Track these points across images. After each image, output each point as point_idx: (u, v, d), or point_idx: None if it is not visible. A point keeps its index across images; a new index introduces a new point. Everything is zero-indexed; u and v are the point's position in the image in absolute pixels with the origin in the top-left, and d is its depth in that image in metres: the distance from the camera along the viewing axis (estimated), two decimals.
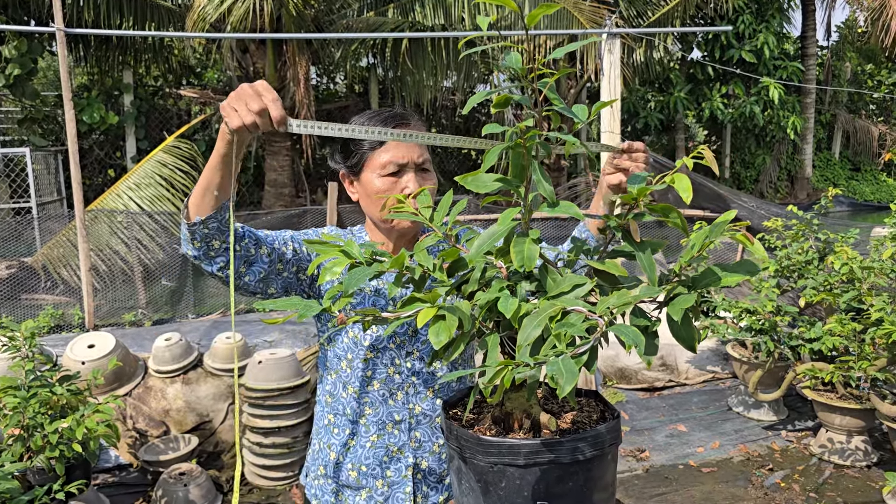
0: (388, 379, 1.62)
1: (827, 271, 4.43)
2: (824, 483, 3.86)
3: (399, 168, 1.57)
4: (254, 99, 1.27)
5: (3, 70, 9.23)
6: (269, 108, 1.28)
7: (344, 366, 1.63)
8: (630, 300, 1.09)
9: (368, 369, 1.61)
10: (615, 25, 5.96)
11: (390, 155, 1.56)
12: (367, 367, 1.61)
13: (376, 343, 1.60)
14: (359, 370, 1.62)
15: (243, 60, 9.94)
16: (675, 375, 5.33)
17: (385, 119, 1.58)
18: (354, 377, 1.62)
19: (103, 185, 10.66)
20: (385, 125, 1.56)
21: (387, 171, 1.56)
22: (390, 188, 1.56)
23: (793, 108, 14.91)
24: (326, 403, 1.68)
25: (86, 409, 3.15)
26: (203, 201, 1.39)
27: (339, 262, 1.27)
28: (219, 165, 1.40)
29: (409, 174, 1.57)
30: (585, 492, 1.27)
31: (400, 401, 1.63)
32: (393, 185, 1.57)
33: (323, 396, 1.69)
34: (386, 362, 1.61)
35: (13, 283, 6.70)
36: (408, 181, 1.57)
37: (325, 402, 1.69)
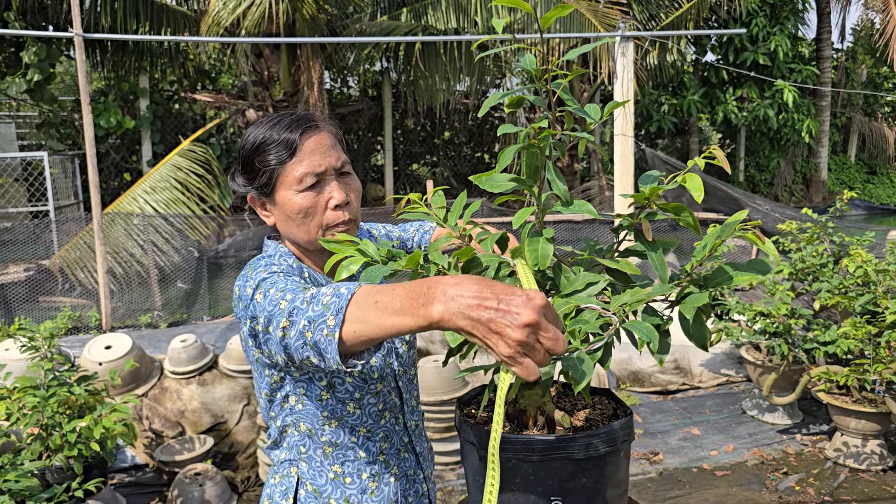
0: (395, 403, 1.53)
1: (842, 274, 4.41)
2: (839, 487, 3.84)
3: (318, 178, 1.40)
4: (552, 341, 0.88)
5: (24, 75, 9.35)
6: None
7: (351, 408, 1.46)
8: (643, 297, 1.10)
9: (380, 402, 1.49)
10: (628, 28, 5.97)
11: (305, 166, 1.38)
12: (378, 401, 1.49)
13: (382, 371, 1.49)
14: (370, 406, 1.48)
15: (257, 65, 10.02)
16: (689, 378, 5.31)
17: (290, 125, 1.40)
18: (366, 415, 1.47)
19: (119, 188, 10.75)
20: (291, 132, 1.39)
21: (305, 184, 1.39)
22: (313, 204, 1.40)
23: (808, 111, 14.83)
24: (326, 456, 1.46)
25: (103, 409, 3.19)
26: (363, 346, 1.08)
27: (354, 260, 1.29)
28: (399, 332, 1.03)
29: (332, 183, 1.41)
30: (599, 487, 1.28)
31: (402, 421, 1.56)
32: (315, 198, 1.40)
33: (315, 451, 1.47)
34: (389, 388, 1.51)
35: (31, 285, 6.79)
36: (331, 191, 1.41)
37: (321, 457, 1.47)
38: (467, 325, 0.88)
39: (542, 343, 0.86)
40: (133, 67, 10.78)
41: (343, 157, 1.44)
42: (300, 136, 1.39)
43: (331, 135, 1.44)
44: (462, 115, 14.09)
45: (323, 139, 1.41)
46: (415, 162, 14.89)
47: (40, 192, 8.92)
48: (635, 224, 1.25)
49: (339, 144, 1.46)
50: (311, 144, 1.39)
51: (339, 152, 1.44)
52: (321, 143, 1.41)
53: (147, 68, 10.95)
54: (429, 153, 14.86)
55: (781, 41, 13.70)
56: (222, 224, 8.20)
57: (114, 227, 6.98)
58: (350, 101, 13.54)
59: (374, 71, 13.20)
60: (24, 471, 2.67)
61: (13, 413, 3.09)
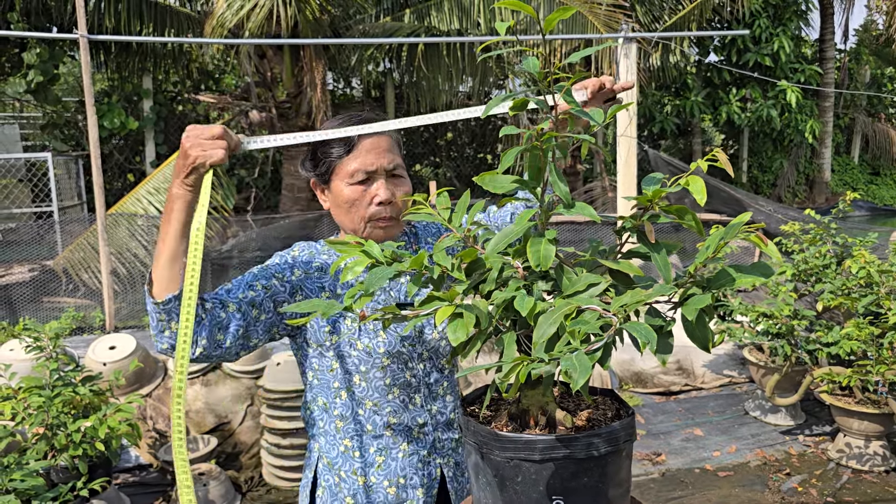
0: (406, 383, 1.58)
1: (845, 275, 4.41)
2: (842, 488, 3.84)
3: (368, 175, 1.52)
4: (209, 139, 1.32)
5: (26, 76, 9.39)
6: (225, 140, 1.33)
7: (357, 380, 1.56)
8: (644, 298, 1.11)
9: (387, 377, 1.56)
10: (631, 30, 5.97)
11: (358, 162, 1.51)
12: (384, 376, 1.56)
13: (391, 348, 1.55)
14: (376, 380, 1.56)
15: (260, 66, 10.04)
16: (692, 379, 5.32)
17: (361, 122, 1.50)
18: (372, 389, 1.57)
19: (123, 189, 10.78)
20: (357, 134, 1.51)
21: (355, 179, 1.51)
22: (360, 197, 1.52)
23: (810, 111, 14.82)
24: (337, 430, 1.59)
25: (108, 409, 3.21)
26: (173, 272, 1.36)
27: (359, 261, 1.30)
28: (184, 222, 1.35)
29: (380, 181, 1.52)
30: (601, 487, 1.29)
31: (419, 404, 1.61)
32: (363, 193, 1.52)
33: (330, 425, 1.60)
34: (402, 367, 1.57)
35: (35, 285, 6.81)
36: (377, 189, 1.52)
37: (334, 431, 1.59)
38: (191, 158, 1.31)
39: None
40: (137, 68, 10.81)
41: (396, 160, 1.55)
42: (359, 135, 1.50)
43: (389, 138, 1.56)
44: None
45: (380, 141, 1.53)
46: (418, 163, 14.91)
47: (44, 193, 8.95)
48: (638, 226, 1.26)
49: (396, 147, 1.57)
50: (367, 144, 1.52)
51: (394, 155, 1.55)
52: (377, 144, 1.53)
53: (151, 69, 10.98)
54: (432, 154, 14.87)
55: (784, 42, 13.70)
56: (225, 225, 8.22)
57: (117, 228, 7.00)
58: (353, 102, 13.56)
59: (377, 72, 13.22)
60: (29, 470, 2.69)
61: (18, 413, 3.10)
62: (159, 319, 1.36)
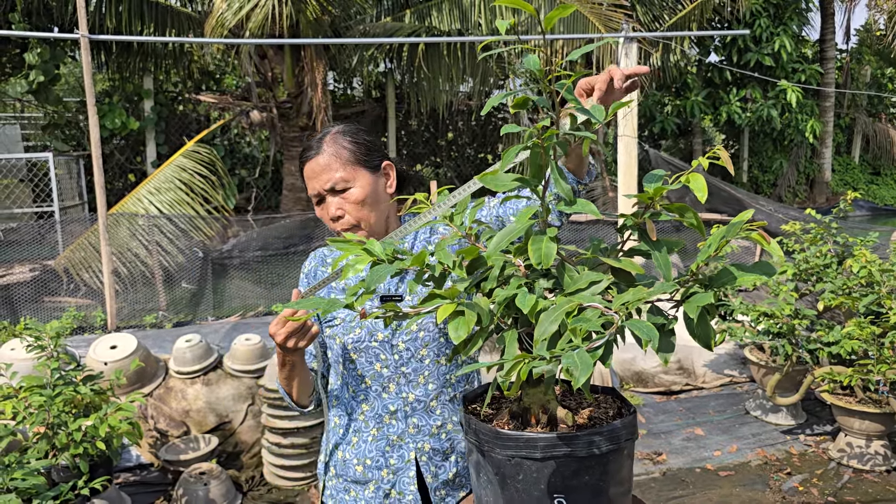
0: (377, 374, 1.71)
1: (845, 275, 4.41)
2: (843, 487, 3.84)
3: (319, 198, 1.69)
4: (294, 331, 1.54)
5: (27, 76, 9.39)
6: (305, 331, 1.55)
7: (341, 369, 1.75)
8: (645, 296, 1.11)
9: (357, 369, 1.72)
10: (632, 30, 5.97)
11: (308, 188, 1.70)
12: (356, 368, 1.72)
13: (358, 344, 1.70)
14: (351, 371, 1.73)
15: (261, 66, 10.04)
16: (693, 379, 5.32)
17: (306, 148, 1.70)
18: (350, 377, 1.73)
19: (124, 189, 10.78)
20: (300, 159, 1.71)
21: (314, 202, 1.71)
22: (322, 215, 1.71)
23: (811, 111, 14.81)
24: (332, 407, 1.79)
25: (109, 408, 3.21)
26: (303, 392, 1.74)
27: (361, 259, 1.30)
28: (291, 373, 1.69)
29: (328, 199, 1.68)
30: (602, 485, 1.29)
31: (393, 392, 1.71)
32: (323, 211, 1.70)
33: (332, 400, 1.80)
34: (371, 359, 1.70)
35: (36, 285, 6.81)
36: (327, 207, 1.68)
37: (333, 406, 1.80)
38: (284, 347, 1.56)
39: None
40: (138, 69, 10.80)
41: (333, 178, 1.65)
42: (302, 164, 1.69)
43: (328, 156, 1.66)
44: (465, 116, 14.11)
45: (315, 165, 1.67)
46: (418, 163, 14.90)
47: (45, 193, 8.96)
48: (639, 224, 1.26)
49: (336, 164, 1.66)
50: (307, 172, 1.69)
51: (332, 172, 1.65)
52: (313, 169, 1.67)
53: (152, 69, 10.98)
54: (432, 154, 14.87)
55: (785, 42, 13.69)
56: (226, 225, 8.22)
57: (118, 228, 7.01)
58: (354, 103, 13.56)
59: (377, 72, 13.21)
60: (30, 469, 2.69)
61: (20, 412, 3.10)
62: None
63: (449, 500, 1.75)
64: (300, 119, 9.98)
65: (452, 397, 1.76)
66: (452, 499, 1.76)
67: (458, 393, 1.77)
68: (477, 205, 1.39)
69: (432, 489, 1.73)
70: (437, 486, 1.74)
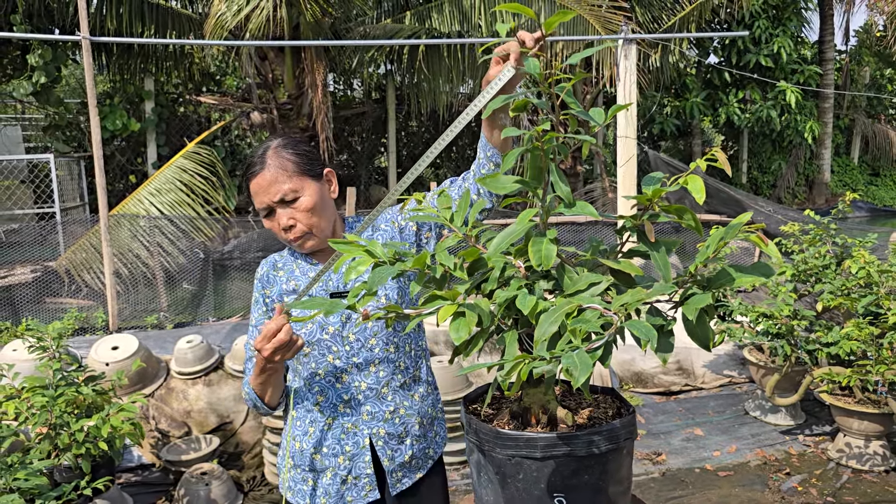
0: (330, 366, 1.78)
1: (844, 276, 4.42)
2: (842, 488, 3.86)
3: (268, 211, 1.74)
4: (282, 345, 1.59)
5: (29, 78, 9.40)
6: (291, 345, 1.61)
7: (295, 363, 1.84)
8: (644, 297, 1.13)
9: (311, 362, 1.79)
10: (631, 31, 5.99)
11: (256, 203, 1.75)
12: (309, 362, 1.79)
13: (310, 338, 1.78)
14: (304, 366, 1.80)
15: (262, 67, 10.06)
16: (692, 380, 5.33)
17: (249, 164, 1.75)
18: (306, 371, 1.81)
19: (125, 190, 10.80)
20: (244, 176, 1.77)
21: (262, 213, 1.76)
22: (271, 225, 1.76)
23: (810, 112, 14.82)
24: (291, 401, 1.87)
25: (111, 409, 3.22)
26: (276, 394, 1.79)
27: (362, 261, 1.32)
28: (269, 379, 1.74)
29: (278, 211, 1.73)
30: (601, 485, 1.30)
31: (346, 381, 1.79)
32: (270, 222, 1.76)
33: (291, 395, 1.88)
34: (323, 352, 1.78)
35: (38, 286, 6.83)
36: (278, 218, 1.73)
37: (291, 402, 1.87)
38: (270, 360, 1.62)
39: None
40: (138, 70, 10.82)
41: (282, 189, 1.70)
42: (247, 181, 1.74)
43: (275, 170, 1.71)
44: None
45: (262, 180, 1.71)
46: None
47: (46, 195, 8.97)
48: (638, 225, 1.28)
49: (283, 176, 1.71)
50: (254, 187, 1.73)
51: (280, 185, 1.71)
52: (260, 184, 1.71)
53: (152, 71, 10.99)
54: None
55: (784, 43, 13.71)
56: (227, 226, 8.24)
57: (120, 229, 7.02)
58: (354, 104, 13.58)
59: (378, 74, 13.23)
60: (33, 469, 2.70)
61: (22, 412, 3.11)
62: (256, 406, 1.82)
63: (405, 481, 1.84)
64: (300, 120, 10.00)
65: (403, 383, 1.84)
66: (409, 480, 1.85)
67: (408, 378, 1.85)
68: (476, 205, 1.40)
69: (389, 471, 1.82)
70: (394, 469, 1.83)
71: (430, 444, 1.90)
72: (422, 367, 1.91)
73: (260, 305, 1.86)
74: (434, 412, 1.93)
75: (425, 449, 1.89)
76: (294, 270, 1.84)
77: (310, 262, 1.84)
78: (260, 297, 1.86)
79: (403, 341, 1.83)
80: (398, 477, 1.83)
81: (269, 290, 1.85)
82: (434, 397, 1.93)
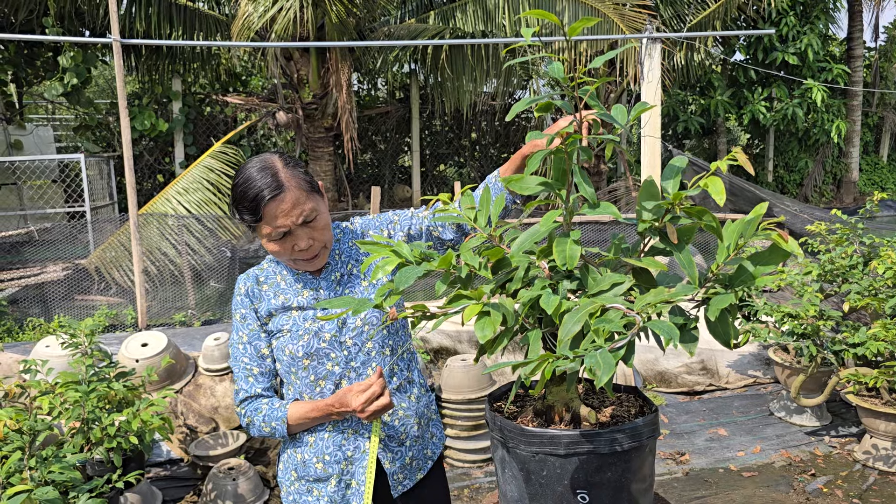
0: (329, 373, 1.78)
1: (872, 276, 4.38)
2: (868, 490, 3.82)
3: (283, 234, 1.67)
4: (382, 406, 1.64)
5: (60, 79, 9.58)
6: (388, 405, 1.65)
7: (293, 378, 1.81)
8: (666, 297, 1.14)
9: (311, 374, 1.78)
10: (655, 30, 5.97)
11: (271, 227, 1.65)
12: (308, 374, 1.78)
13: (309, 349, 1.76)
14: (304, 378, 1.79)
15: (287, 67, 10.14)
16: (716, 379, 5.30)
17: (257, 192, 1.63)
18: (304, 385, 1.80)
19: (153, 189, 10.96)
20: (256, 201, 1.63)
21: (273, 237, 1.68)
22: (283, 248, 1.70)
23: (837, 110, 14.62)
24: None
25: (141, 404, 3.29)
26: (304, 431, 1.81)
27: (389, 261, 1.35)
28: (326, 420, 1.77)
29: (296, 232, 1.68)
30: (624, 482, 1.32)
31: (344, 387, 1.77)
32: (283, 244, 1.69)
33: None
34: (322, 360, 1.77)
35: (68, 284, 6.96)
36: (295, 240, 1.69)
37: None
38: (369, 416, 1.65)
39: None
40: (167, 71, 10.97)
41: (306, 210, 1.66)
42: (264, 205, 1.62)
43: (295, 191, 1.65)
44: (489, 117, 14.13)
45: (284, 203, 1.64)
46: (442, 163, 14.95)
47: (77, 194, 9.14)
48: (660, 227, 1.29)
49: (302, 195, 1.66)
50: (273, 211, 1.63)
51: (302, 207, 1.66)
52: (282, 208, 1.63)
53: (180, 72, 11.14)
54: (456, 154, 14.91)
55: (812, 40, 13.53)
56: None
57: (148, 228, 7.14)
58: (378, 103, 13.64)
59: (402, 73, 13.28)
60: (66, 463, 2.77)
61: (56, 407, 3.19)
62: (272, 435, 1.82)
63: (407, 482, 1.86)
64: (325, 120, 10.07)
65: (399, 385, 1.86)
66: (410, 481, 1.87)
67: (403, 381, 1.87)
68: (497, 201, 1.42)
69: (390, 474, 1.84)
70: (395, 471, 1.84)
71: (427, 445, 1.93)
72: (413, 369, 1.93)
73: (251, 321, 1.82)
74: (429, 413, 1.95)
75: (423, 449, 1.91)
76: (280, 283, 1.82)
77: (294, 274, 1.82)
78: (250, 312, 1.82)
79: (397, 344, 1.85)
80: (399, 479, 1.85)
81: (257, 304, 1.81)
82: (427, 398, 1.95)
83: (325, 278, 1.80)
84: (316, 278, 1.81)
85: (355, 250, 1.86)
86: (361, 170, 13.56)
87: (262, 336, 1.82)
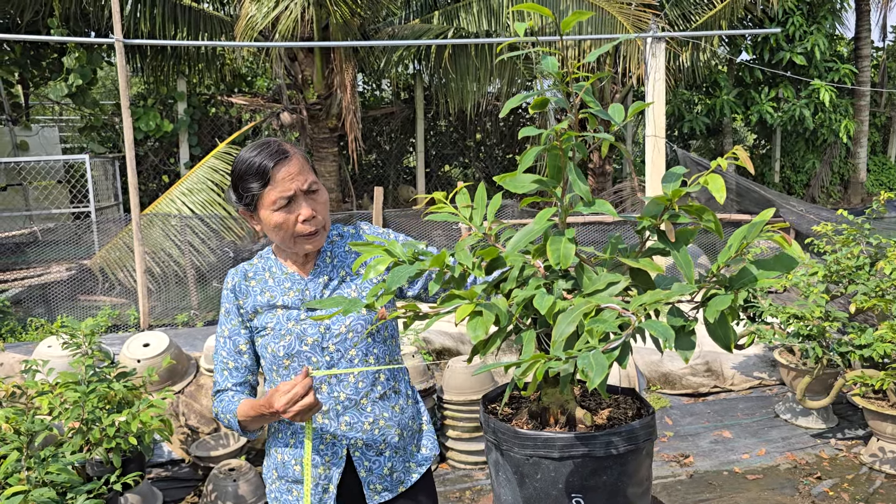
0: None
1: (878, 277, 4.33)
2: (875, 493, 3.78)
3: (288, 200, 1.70)
4: (305, 409, 1.62)
5: (65, 80, 9.59)
6: (313, 407, 1.64)
7: (275, 376, 1.83)
8: (662, 298, 1.12)
9: (290, 374, 1.79)
10: (661, 29, 5.93)
11: (277, 192, 1.69)
12: (290, 374, 1.79)
13: (289, 350, 1.78)
14: (286, 377, 1.80)
15: (291, 68, 10.14)
16: (721, 381, 5.26)
17: (265, 157, 1.69)
18: None
19: (157, 190, 10.96)
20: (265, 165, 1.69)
21: (278, 205, 1.70)
22: (286, 219, 1.72)
23: (845, 111, 14.53)
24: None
25: (141, 404, 3.28)
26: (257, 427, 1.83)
27: (381, 260, 1.33)
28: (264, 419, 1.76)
29: (300, 201, 1.72)
30: (620, 485, 1.30)
31: (325, 392, 1.79)
32: (288, 215, 1.72)
33: None
34: (303, 363, 1.78)
35: (72, 284, 6.97)
36: (300, 209, 1.72)
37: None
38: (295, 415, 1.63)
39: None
40: (171, 72, 10.98)
41: (310, 179, 1.73)
42: (273, 167, 1.69)
43: (299, 160, 1.73)
44: (493, 117, 14.10)
45: (291, 168, 1.70)
46: (446, 163, 14.93)
47: (82, 194, 9.15)
48: (658, 225, 1.27)
49: (306, 165, 1.75)
50: (281, 174, 1.69)
51: (307, 174, 1.73)
52: (290, 171, 1.70)
53: (185, 72, 11.14)
54: (460, 155, 14.88)
55: (819, 40, 13.45)
56: None
57: (152, 228, 7.14)
58: (383, 104, 13.63)
59: (406, 74, 13.26)
60: (65, 463, 2.76)
61: (55, 407, 3.19)
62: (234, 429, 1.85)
63: (385, 494, 1.83)
64: (330, 120, 10.06)
65: (382, 395, 1.84)
66: (389, 493, 1.84)
67: (388, 390, 1.85)
68: (493, 201, 1.40)
69: (365, 482, 1.82)
70: (372, 480, 1.83)
71: (411, 458, 1.90)
72: (401, 380, 1.91)
73: (233, 317, 1.85)
74: (415, 425, 1.92)
75: (406, 462, 1.88)
76: (267, 280, 1.84)
77: (284, 271, 1.84)
78: (233, 307, 1.85)
79: (383, 353, 1.84)
80: (377, 489, 1.83)
81: (242, 300, 1.84)
82: (414, 410, 1.93)
83: (313, 280, 1.81)
84: (303, 278, 1.81)
85: (350, 259, 1.85)
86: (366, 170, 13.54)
87: (241, 332, 1.84)
